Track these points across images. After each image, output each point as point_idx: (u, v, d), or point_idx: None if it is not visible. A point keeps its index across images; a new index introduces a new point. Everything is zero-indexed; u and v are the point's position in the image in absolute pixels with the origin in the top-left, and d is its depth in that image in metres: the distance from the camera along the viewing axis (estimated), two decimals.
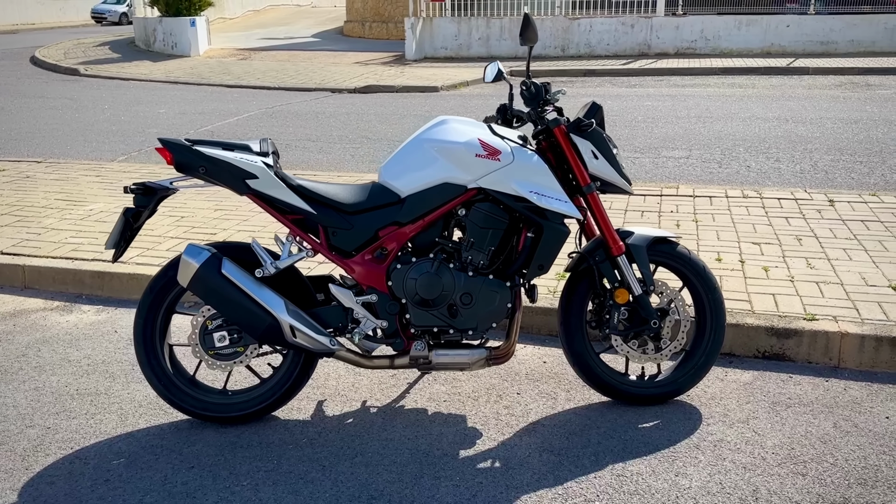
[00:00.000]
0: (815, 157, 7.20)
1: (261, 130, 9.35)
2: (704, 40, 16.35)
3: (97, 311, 4.15)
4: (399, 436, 2.87)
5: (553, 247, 2.79)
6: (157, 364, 2.90)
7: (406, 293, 2.81)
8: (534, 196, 2.74)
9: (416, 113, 10.43)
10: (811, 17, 16.00)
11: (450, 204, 2.80)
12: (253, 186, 2.75)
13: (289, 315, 2.73)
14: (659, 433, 2.85)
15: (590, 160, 2.86)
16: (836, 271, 4.05)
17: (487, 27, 17.12)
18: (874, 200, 5.37)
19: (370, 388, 3.24)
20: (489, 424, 2.94)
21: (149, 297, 2.87)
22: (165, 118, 10.41)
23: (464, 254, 2.83)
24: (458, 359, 2.87)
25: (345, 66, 16.39)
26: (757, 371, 3.33)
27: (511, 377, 3.30)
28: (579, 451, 2.75)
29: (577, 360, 2.99)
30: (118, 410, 3.09)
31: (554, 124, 2.85)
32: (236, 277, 2.72)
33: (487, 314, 2.83)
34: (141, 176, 6.64)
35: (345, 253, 2.83)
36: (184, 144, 2.75)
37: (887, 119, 9.00)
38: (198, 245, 2.78)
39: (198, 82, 14.57)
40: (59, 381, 3.35)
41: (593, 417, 2.97)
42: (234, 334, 2.84)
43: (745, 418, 2.95)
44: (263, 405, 2.93)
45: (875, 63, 13.96)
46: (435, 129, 2.85)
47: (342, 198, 2.81)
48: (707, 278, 2.98)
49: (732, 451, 2.73)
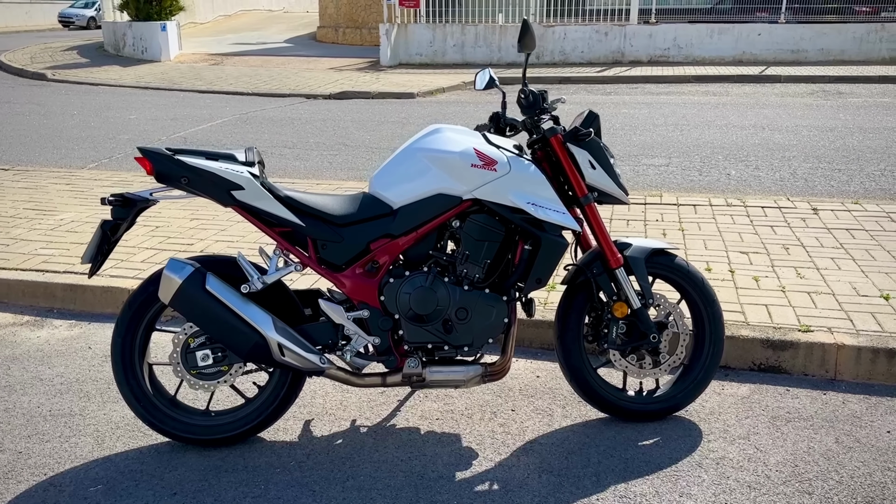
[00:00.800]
0: (794, 165, 7.22)
1: (235, 137, 9.18)
2: (677, 48, 16.46)
3: (69, 325, 3.98)
4: (392, 457, 2.76)
5: (551, 259, 2.70)
6: (136, 384, 2.76)
7: (399, 308, 2.71)
8: (531, 207, 2.65)
9: (394, 119, 10.33)
10: (782, 26, 16.19)
11: (444, 216, 2.70)
12: (238, 198, 2.62)
13: (277, 332, 2.61)
14: (660, 451, 2.78)
15: (587, 170, 2.78)
16: (827, 281, 4.02)
17: (462, 34, 17.08)
18: (857, 209, 5.37)
19: (359, 406, 3.12)
20: (485, 444, 2.84)
21: (128, 313, 2.73)
22: (136, 124, 10.18)
23: (459, 267, 2.73)
24: (453, 376, 2.77)
25: (319, 71, 16.24)
26: (754, 384, 3.27)
27: (504, 393, 3.20)
28: (579, 471, 2.66)
29: (575, 375, 2.90)
30: (94, 433, 2.94)
31: (550, 133, 2.76)
32: (221, 293, 2.59)
33: (484, 329, 2.73)
34: (113, 184, 6.45)
35: (335, 267, 2.72)
36: (165, 154, 2.62)
37: (861, 127, 9.08)
38: (180, 259, 2.65)
39: (169, 87, 14.33)
40: (31, 401, 3.18)
41: (591, 435, 2.89)
42: (218, 353, 2.71)
43: (746, 434, 2.88)
44: (249, 426, 2.80)
45: (845, 71, 14.13)
46: (428, 138, 2.75)
47: (332, 209, 2.70)
48: (706, 291, 2.92)
49: (735, 468, 2.66)
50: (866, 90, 12.55)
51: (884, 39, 15.69)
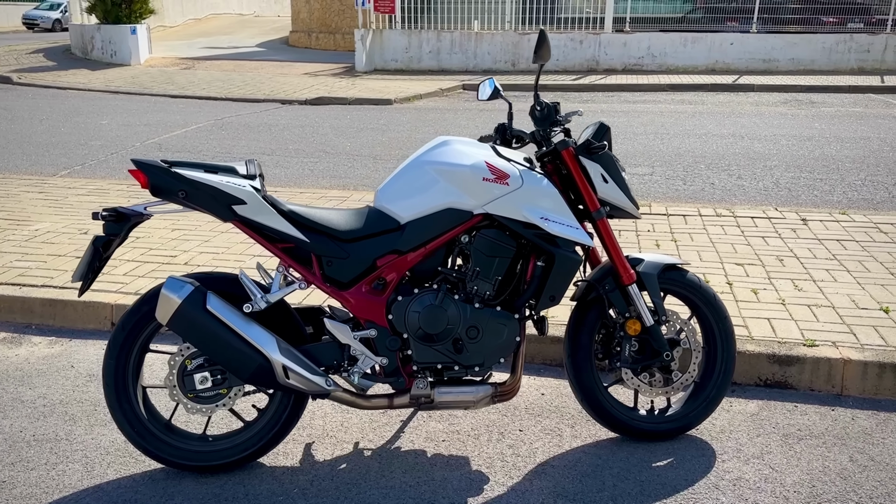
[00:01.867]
0: (776, 175, 7.25)
1: (211, 143, 8.99)
2: (651, 57, 16.56)
3: (49, 343, 3.80)
4: (399, 482, 2.65)
5: (566, 276, 2.62)
6: (129, 409, 2.62)
7: (408, 327, 2.60)
8: (545, 223, 2.57)
9: (373, 126, 10.21)
10: (753, 36, 16.38)
11: (454, 231, 2.60)
12: (240, 213, 2.50)
13: (281, 354, 2.49)
14: (674, 472, 2.70)
15: (599, 184, 2.71)
16: (825, 293, 4.00)
17: (438, 40, 17.01)
18: (845, 219, 5.39)
19: (361, 427, 3.01)
20: (495, 467, 2.74)
21: (121, 334, 2.59)
22: (109, 130, 9.93)
23: (469, 284, 2.63)
24: (463, 397, 2.67)
25: (294, 76, 16.05)
26: (762, 400, 3.22)
27: (510, 412, 3.11)
28: (595, 495, 2.58)
29: (586, 395, 2.82)
30: (83, 459, 2.79)
31: (562, 146, 2.68)
32: (223, 314, 2.46)
33: (495, 349, 2.64)
34: (88, 192, 6.26)
35: (340, 284, 2.61)
36: (160, 166, 2.49)
37: (838, 136, 9.18)
38: (179, 278, 2.51)
39: (140, 92, 14.04)
40: (13, 425, 3.02)
41: (604, 456, 2.81)
42: (217, 375, 2.58)
43: (760, 453, 2.82)
44: (249, 452, 2.67)
45: (816, 81, 14.32)
46: (437, 151, 2.65)
47: (337, 224, 2.59)
48: (718, 307, 2.86)
49: (753, 490, 2.60)
50: (837, 100, 12.73)
51: (852, 50, 15.95)
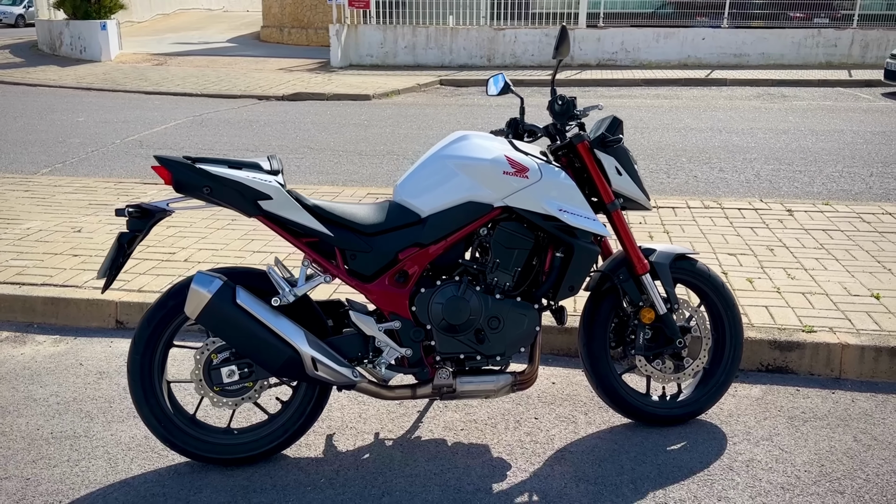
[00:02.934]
0: (756, 167, 7.41)
1: (193, 139, 8.93)
2: (625, 52, 16.76)
3: (54, 341, 3.78)
4: (424, 470, 2.70)
5: (584, 267, 2.69)
6: (155, 404, 2.63)
7: (431, 319, 2.65)
8: (564, 215, 2.63)
9: (355, 122, 10.21)
10: (725, 31, 16.65)
11: (474, 224, 2.66)
12: (265, 208, 2.53)
13: (310, 347, 2.52)
14: (689, 455, 2.79)
15: (613, 176, 2.78)
16: (817, 281, 4.13)
17: (413, 35, 17.02)
18: (829, 209, 5.54)
19: (379, 417, 3.05)
20: (515, 454, 2.81)
21: (146, 330, 2.60)
22: (86, 127, 9.81)
23: (489, 275, 2.69)
24: (484, 386, 2.73)
25: (268, 72, 15.95)
26: (765, 385, 3.33)
27: (524, 401, 3.18)
28: (615, 478, 2.66)
29: (602, 383, 2.90)
30: (105, 455, 2.80)
31: (577, 140, 2.75)
32: (253, 307, 2.49)
33: (516, 338, 2.70)
34: (75, 190, 6.19)
35: (364, 277, 2.65)
36: (185, 163, 2.51)
37: (812, 129, 9.39)
38: (207, 273, 2.53)
39: (113, 88, 13.86)
40: (28, 423, 3.01)
41: (619, 441, 2.89)
42: (244, 368, 2.61)
43: (768, 435, 2.92)
44: (275, 444, 2.70)
45: (786, 75, 14.62)
46: (456, 146, 2.70)
47: (359, 218, 2.63)
48: (726, 295, 2.95)
49: (766, 470, 2.70)
50: (808, 93, 13.01)
51: (820, 45, 16.30)
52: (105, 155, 8.09)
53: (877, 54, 15.93)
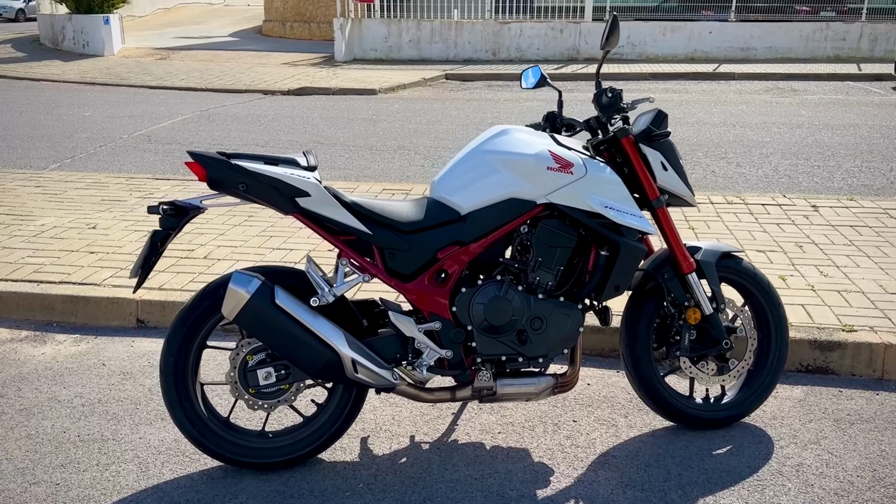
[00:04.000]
0: (774, 162, 7.32)
1: (201, 135, 8.83)
2: (631, 46, 16.63)
3: (74, 340, 3.70)
4: (464, 475, 2.62)
5: (631, 265, 2.61)
6: (189, 407, 2.55)
7: (473, 319, 2.57)
8: (610, 212, 2.55)
9: (363, 117, 10.11)
10: (732, 24, 16.54)
11: (516, 221, 2.57)
12: (303, 205, 2.45)
13: (350, 348, 2.44)
14: (736, 460, 2.72)
15: (659, 171, 2.70)
16: (851, 279, 4.05)
17: (418, 29, 16.90)
18: (854, 205, 5.46)
19: (413, 420, 2.97)
20: (557, 458, 2.73)
21: (180, 331, 2.52)
22: (93, 122, 9.71)
23: (531, 274, 2.61)
24: (525, 388, 2.65)
25: (272, 66, 15.84)
26: (805, 386, 3.25)
27: (560, 403, 3.10)
28: (662, 484, 2.58)
29: (644, 385, 2.82)
30: (135, 459, 2.72)
31: (622, 134, 2.67)
32: (292, 308, 2.41)
33: (560, 340, 2.62)
34: (87, 186, 6.10)
35: (403, 277, 2.56)
36: (220, 159, 2.42)
37: (826, 124, 9.30)
38: (245, 272, 2.45)
39: (117, 83, 13.75)
40: (54, 425, 2.93)
41: (663, 445, 2.81)
42: (281, 370, 2.52)
43: (816, 438, 2.85)
44: (311, 448, 2.62)
45: (794, 69, 14.51)
46: (497, 140, 2.62)
47: (398, 215, 2.55)
48: (772, 295, 2.87)
49: (817, 475, 2.62)
50: (818, 87, 12.91)
51: (828, 38, 16.19)
52: (114, 150, 7.99)
53: (885, 48, 15.84)
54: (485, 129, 2.85)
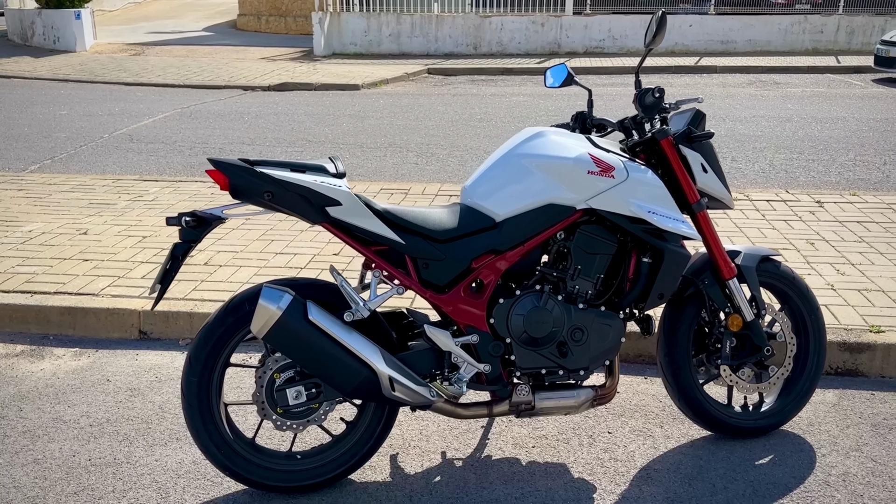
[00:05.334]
0: (769, 156, 7.29)
1: (184, 133, 8.60)
2: (612, 39, 16.61)
3: (74, 354, 3.52)
4: (503, 495, 2.51)
5: (675, 272, 2.51)
6: (214, 430, 2.41)
7: (512, 332, 2.45)
8: (653, 217, 2.44)
9: (350, 113, 9.93)
10: (712, 17, 16.58)
11: (554, 227, 2.46)
12: (334, 215, 2.31)
13: (387, 366, 2.31)
14: (780, 470, 2.63)
15: (699, 174, 2.61)
16: (868, 277, 4.00)
17: (398, 23, 16.71)
18: (857, 200, 5.43)
19: (442, 435, 2.85)
20: (597, 473, 2.63)
21: (204, 349, 2.37)
22: (70, 121, 9.42)
23: (570, 283, 2.50)
24: (565, 402, 2.54)
25: (250, 61, 15.56)
26: (837, 389, 3.19)
27: (592, 414, 3.00)
28: (709, 498, 2.49)
29: (684, 395, 2.72)
30: (153, 484, 2.57)
31: (661, 135, 2.56)
32: (326, 324, 2.27)
33: (602, 351, 2.51)
34: (72, 188, 5.89)
35: (437, 288, 2.44)
36: (243, 166, 2.28)
37: (814, 117, 9.31)
38: (274, 286, 2.31)
39: (91, 80, 13.40)
40: (62, 448, 2.77)
41: (704, 457, 2.72)
42: (311, 389, 2.39)
43: (857, 445, 2.78)
44: (342, 469, 2.49)
45: (775, 62, 14.57)
46: (532, 143, 2.50)
47: (431, 223, 2.42)
48: (811, 299, 2.79)
49: (864, 485, 2.55)
50: (799, 80, 12.96)
51: (806, 31, 16.28)
52: (95, 150, 7.75)
53: (862, 40, 15.97)
54: (475, 124, 2.74)
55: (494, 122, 8.98)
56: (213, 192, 5.72)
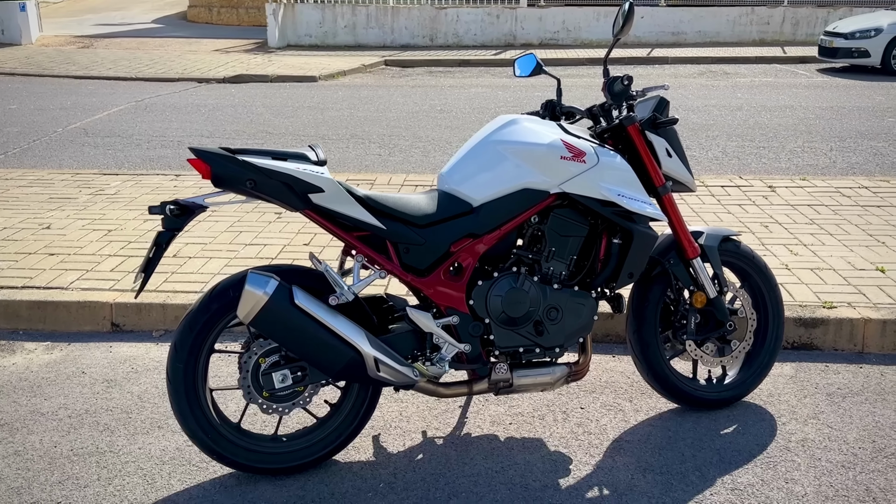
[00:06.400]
0: (721, 144, 7.52)
1: (141, 126, 8.49)
2: (566, 31, 16.80)
3: (46, 348, 3.51)
4: (484, 469, 2.61)
5: (644, 252, 2.62)
6: (201, 415, 2.45)
7: (490, 312, 2.55)
8: (623, 199, 2.56)
9: (309, 105, 9.90)
10: (663, 9, 16.87)
11: (529, 211, 2.55)
12: (316, 202, 2.37)
13: (372, 347, 2.38)
14: (744, 438, 2.78)
15: (664, 158, 2.72)
16: (820, 256, 4.19)
17: (353, 14, 16.64)
18: (808, 185, 5.66)
19: (421, 415, 2.93)
20: (572, 446, 2.74)
21: (189, 336, 2.40)
22: (21, 115, 9.20)
23: (544, 265, 2.60)
24: (541, 378, 2.64)
25: (203, 53, 15.34)
26: (794, 363, 3.36)
27: (565, 391, 3.11)
28: (679, 466, 2.62)
29: (652, 369, 2.85)
30: (138, 471, 2.59)
31: (628, 122, 2.67)
32: (312, 308, 2.33)
33: (576, 329, 2.62)
34: (30, 183, 5.80)
35: (418, 272, 2.51)
36: (226, 155, 2.32)
37: (763, 105, 9.60)
38: (260, 272, 2.35)
39: (39, 73, 13.06)
40: (42, 440, 2.77)
41: (673, 428, 2.85)
42: (297, 372, 2.44)
43: (814, 413, 2.94)
44: (328, 450, 2.56)
45: (724, 52, 14.91)
46: (506, 130, 2.59)
47: (411, 209, 2.49)
48: (769, 276, 2.94)
49: (822, 450, 2.71)
50: (748, 70, 13.31)
51: (754, 22, 16.69)
52: (49, 144, 7.60)
53: (807, 31, 16.43)
54: (436, 116, 2.82)
55: (455, 114, 9.06)
56: (176, 185, 5.69)
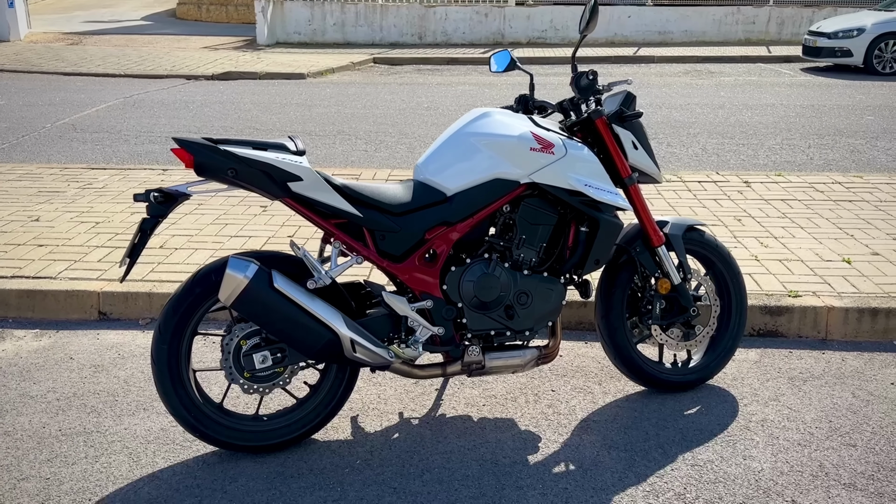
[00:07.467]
0: (702, 141, 7.66)
1: (129, 122, 8.56)
2: (554, 30, 16.94)
3: (35, 335, 3.60)
4: (457, 447, 2.72)
5: (609, 240, 2.75)
6: (185, 395, 2.55)
7: (463, 297, 2.66)
8: (590, 189, 2.68)
9: (297, 102, 9.99)
10: (649, 9, 17.04)
11: (500, 200, 2.67)
12: (295, 190, 2.47)
13: (349, 329, 2.49)
14: (707, 419, 2.91)
15: (630, 150, 2.85)
16: (789, 248, 4.33)
17: (342, 12, 16.73)
18: (782, 180, 5.80)
19: (398, 397, 3.05)
20: (542, 426, 2.86)
21: (172, 319, 2.51)
22: (10, 111, 9.26)
23: (515, 252, 2.71)
24: (512, 361, 2.76)
25: (192, 51, 15.39)
26: (759, 349, 3.49)
27: (537, 375, 3.23)
28: (642, 444, 2.74)
29: (619, 353, 2.97)
30: (124, 449, 2.70)
31: (596, 115, 2.79)
32: (291, 291, 2.44)
33: (545, 313, 2.74)
34: (19, 177, 5.87)
35: (393, 258, 2.63)
36: (207, 145, 2.43)
37: (745, 104, 9.76)
38: (241, 257, 2.46)
39: (28, 70, 13.09)
40: (32, 421, 2.87)
41: (638, 409, 2.98)
42: (277, 353, 2.55)
43: (775, 396, 3.07)
44: (307, 428, 2.67)
45: (709, 52, 15.08)
46: (479, 123, 2.70)
47: (387, 198, 2.60)
48: (732, 264, 3.07)
49: (780, 429, 2.84)
50: (733, 69, 13.47)
51: (739, 22, 16.88)
52: (38, 140, 7.67)
53: (792, 31, 16.62)
54: (423, 113, 2.93)
55: (441, 111, 9.18)
56: (164, 179, 5.77)
